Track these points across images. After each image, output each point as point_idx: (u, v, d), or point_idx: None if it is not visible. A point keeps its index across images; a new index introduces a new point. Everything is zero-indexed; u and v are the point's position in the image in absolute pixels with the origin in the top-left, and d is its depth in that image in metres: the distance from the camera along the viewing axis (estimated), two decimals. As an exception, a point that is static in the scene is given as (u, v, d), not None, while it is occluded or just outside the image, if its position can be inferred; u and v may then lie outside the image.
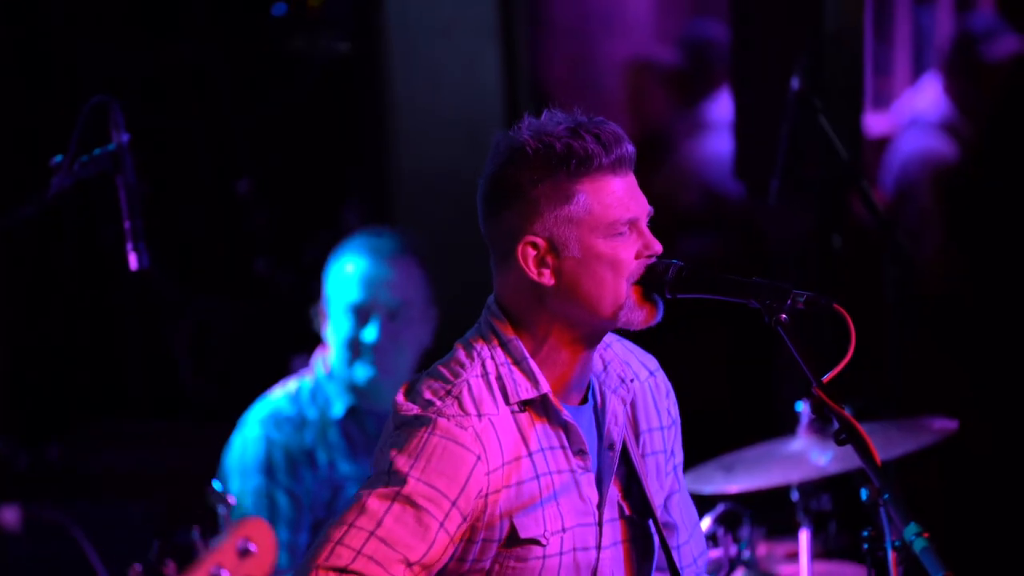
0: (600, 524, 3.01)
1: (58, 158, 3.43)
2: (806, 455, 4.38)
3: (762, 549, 4.56)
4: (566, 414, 2.99)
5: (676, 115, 6.65)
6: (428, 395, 2.95)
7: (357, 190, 6.60)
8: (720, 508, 4.40)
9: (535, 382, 2.97)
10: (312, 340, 4.92)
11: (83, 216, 6.31)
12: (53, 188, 3.40)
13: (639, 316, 2.99)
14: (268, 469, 4.65)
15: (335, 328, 4.70)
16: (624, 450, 3.05)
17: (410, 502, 2.87)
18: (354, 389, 4.68)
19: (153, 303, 6.56)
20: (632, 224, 2.99)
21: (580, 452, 2.99)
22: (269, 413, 4.69)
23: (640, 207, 3.00)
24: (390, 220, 6.21)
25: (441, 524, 2.88)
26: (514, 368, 2.98)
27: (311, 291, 4.86)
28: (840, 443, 2.94)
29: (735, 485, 4.34)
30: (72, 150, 3.41)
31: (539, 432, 2.98)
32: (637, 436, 3.09)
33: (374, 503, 2.87)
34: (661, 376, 3.17)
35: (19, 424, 6.29)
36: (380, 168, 6.47)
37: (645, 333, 3.23)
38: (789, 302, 2.97)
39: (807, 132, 4.75)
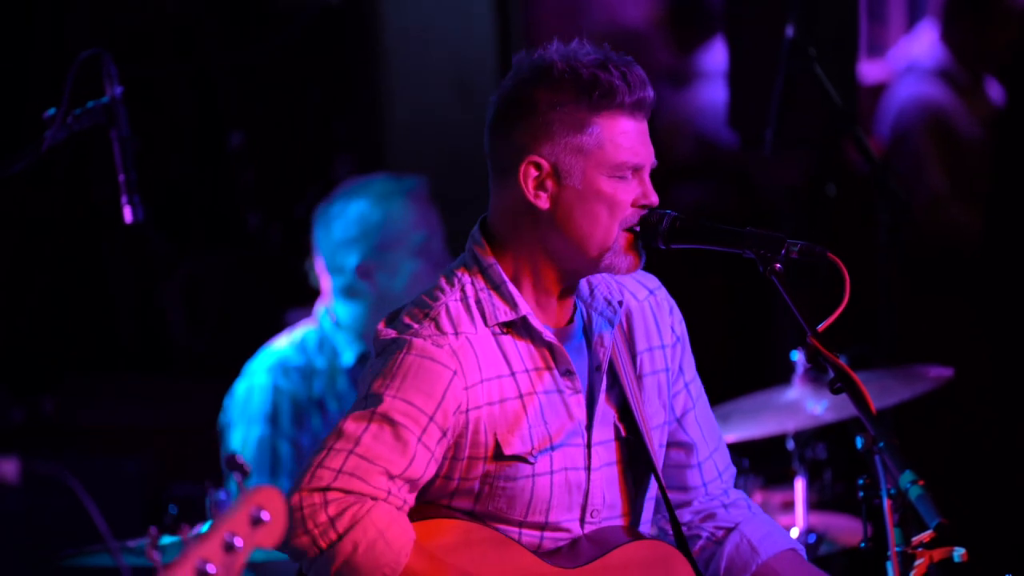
0: (589, 446, 3.02)
1: (51, 111, 3.42)
2: (801, 404, 4.39)
3: (758, 498, 4.57)
4: (548, 335, 3.00)
5: (670, 65, 6.63)
6: (407, 320, 2.98)
7: (348, 143, 6.58)
8: (716, 457, 4.40)
9: (513, 305, 2.99)
10: (303, 293, 4.91)
11: (75, 169, 6.29)
12: (47, 141, 3.39)
13: (624, 262, 2.99)
14: (273, 418, 4.66)
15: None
16: (615, 372, 3.06)
17: (387, 419, 2.90)
18: (366, 337, 4.68)
19: (145, 257, 6.55)
20: (636, 170, 2.99)
21: (567, 372, 3.01)
22: (277, 361, 4.70)
23: (647, 155, 3.00)
24: (381, 171, 6.19)
25: (419, 438, 2.90)
26: (492, 292, 3.00)
27: (302, 245, 4.85)
28: (835, 392, 2.95)
29: (731, 435, 4.34)
30: (65, 103, 3.39)
31: (523, 353, 2.99)
32: (633, 357, 3.10)
33: (351, 425, 2.90)
34: (663, 294, 3.17)
35: (12, 377, 6.29)
36: (371, 121, 6.45)
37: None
38: (783, 251, 2.98)
39: (802, 80, 4.73)
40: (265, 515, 2.30)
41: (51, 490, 4.24)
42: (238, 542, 2.28)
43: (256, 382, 4.68)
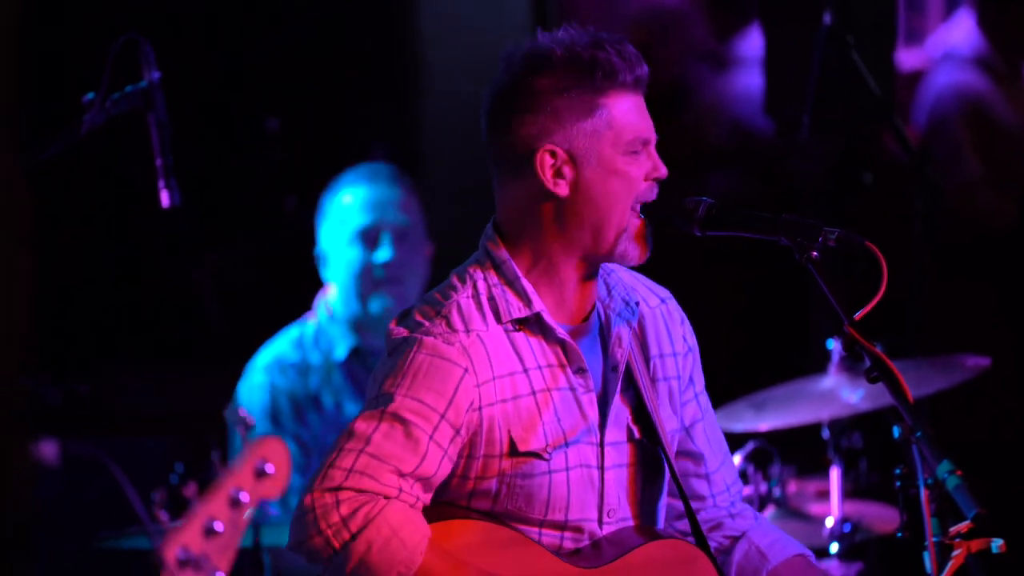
0: (602, 445, 3.00)
1: (90, 95, 3.44)
2: (837, 393, 4.38)
3: (792, 487, 4.56)
4: (561, 332, 2.98)
5: (706, 51, 6.60)
6: (418, 318, 2.97)
7: (383, 129, 6.58)
8: (750, 446, 4.40)
9: (527, 301, 2.97)
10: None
11: (110, 153, 6.31)
12: (85, 125, 3.41)
13: (634, 250, 2.99)
14: (273, 416, 4.64)
15: (339, 263, 4.68)
16: (631, 374, 3.05)
17: (397, 418, 2.89)
18: (358, 328, 4.66)
19: (178, 241, 6.57)
20: (645, 144, 2.99)
21: (580, 370, 2.99)
22: (273, 360, 4.69)
23: (651, 129, 3.00)
24: (417, 158, 6.19)
25: (431, 436, 2.89)
26: (506, 288, 2.98)
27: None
28: (872, 381, 2.92)
29: (765, 423, 4.34)
30: (104, 88, 3.41)
31: (535, 350, 2.98)
32: (647, 360, 3.08)
33: (361, 425, 2.89)
34: (673, 304, 3.16)
35: (48, 361, 6.32)
36: (406, 107, 6.45)
37: (675, 271, 3.22)
38: (820, 239, 2.96)
39: (839, 68, 4.71)
40: (269, 467, 2.30)
41: (88, 472, 4.26)
42: (244, 497, 2.28)
43: (255, 381, 4.68)
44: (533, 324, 2.99)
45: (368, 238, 4.65)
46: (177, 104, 3.71)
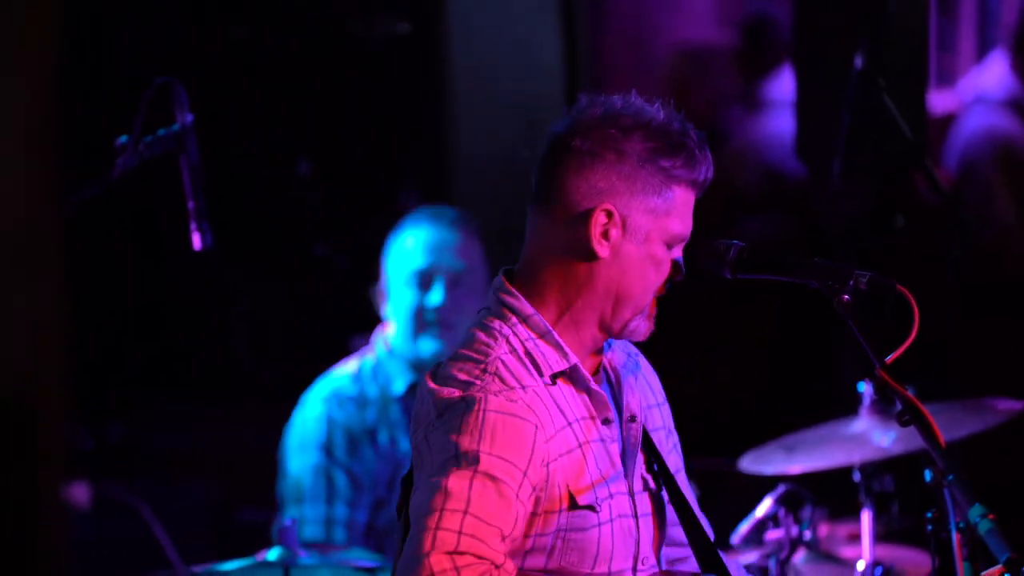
0: (631, 494, 3.01)
1: (123, 139, 3.46)
2: (868, 436, 4.36)
3: (824, 530, 4.54)
4: (593, 384, 2.97)
5: (736, 95, 6.61)
6: (463, 376, 2.90)
7: (414, 173, 6.61)
8: (781, 489, 4.38)
9: (563, 353, 2.95)
10: (369, 321, 4.94)
11: (142, 195, 6.35)
12: (119, 168, 3.44)
13: (644, 327, 2.99)
14: (327, 447, 4.68)
15: (397, 302, 4.72)
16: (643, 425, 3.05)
17: (489, 477, 2.82)
18: (415, 366, 4.70)
19: (211, 283, 6.60)
20: (683, 242, 3.00)
21: (606, 421, 2.98)
22: (331, 392, 4.73)
23: (690, 231, 3.01)
24: (447, 203, 6.21)
25: (516, 495, 2.85)
26: (540, 342, 2.94)
27: (368, 273, 4.89)
28: (904, 424, 2.91)
29: (796, 466, 4.33)
30: (137, 131, 3.44)
31: (571, 403, 2.96)
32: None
33: (455, 484, 2.80)
34: (642, 357, 3.16)
35: (82, 402, 6.34)
36: (438, 151, 6.47)
37: (705, 312, 3.23)
38: (851, 283, 2.95)
39: (870, 111, 4.71)
40: None
41: (120, 516, 4.27)
42: None
43: (311, 413, 4.71)
44: (567, 377, 2.97)
45: (423, 280, 4.69)
46: (210, 146, 3.74)
